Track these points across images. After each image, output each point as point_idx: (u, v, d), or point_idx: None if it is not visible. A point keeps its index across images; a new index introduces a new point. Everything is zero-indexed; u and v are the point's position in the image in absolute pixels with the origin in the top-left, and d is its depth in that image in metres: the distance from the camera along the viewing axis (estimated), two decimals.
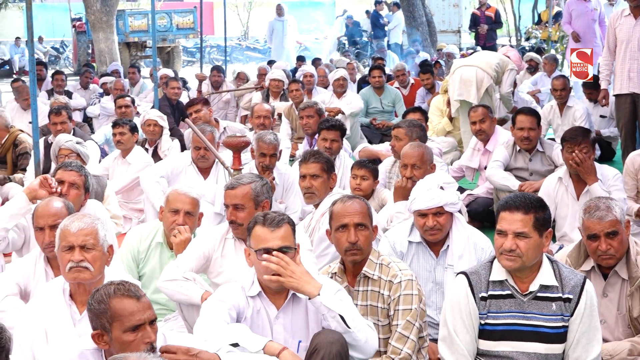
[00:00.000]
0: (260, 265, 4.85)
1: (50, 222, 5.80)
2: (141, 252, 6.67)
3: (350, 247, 5.35)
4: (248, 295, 4.95)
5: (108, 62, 23.61)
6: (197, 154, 9.02)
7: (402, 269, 5.39)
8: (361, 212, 5.40)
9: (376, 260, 5.44)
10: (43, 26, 41.94)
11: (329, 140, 9.07)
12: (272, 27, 29.15)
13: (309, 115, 10.88)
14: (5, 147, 10.95)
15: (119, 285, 4.21)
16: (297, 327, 4.96)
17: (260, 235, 4.90)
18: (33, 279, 5.80)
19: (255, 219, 4.98)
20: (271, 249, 4.83)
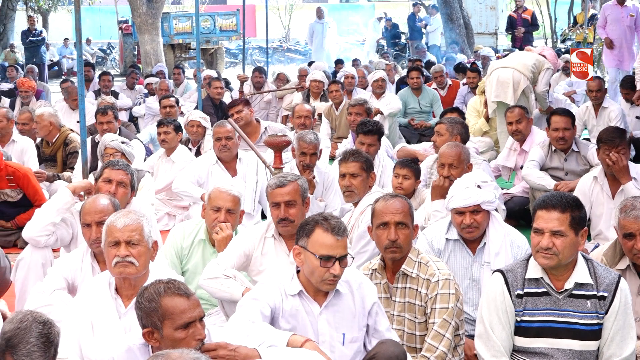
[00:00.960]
0: (317, 270, 4.79)
1: (97, 218, 5.83)
2: (184, 249, 6.69)
3: (390, 245, 5.34)
4: (288, 293, 4.91)
5: (153, 63, 23.74)
6: (219, 145, 9.01)
7: (440, 268, 5.37)
8: (402, 211, 5.39)
9: (415, 258, 5.42)
10: (91, 28, 42.28)
11: (366, 144, 9.01)
12: (313, 29, 29.21)
13: (358, 113, 10.90)
14: (56, 146, 11.04)
15: (168, 284, 4.22)
16: (340, 321, 4.93)
17: (325, 241, 4.80)
18: (80, 274, 5.83)
19: (316, 221, 4.89)
20: (334, 256, 4.77)
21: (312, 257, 4.81)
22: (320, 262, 4.78)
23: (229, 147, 9.04)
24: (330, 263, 4.76)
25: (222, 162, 9.10)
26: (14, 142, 10.90)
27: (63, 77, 26.94)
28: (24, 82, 15.54)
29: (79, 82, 8.97)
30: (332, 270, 4.75)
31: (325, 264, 4.77)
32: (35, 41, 27.47)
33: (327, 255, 4.77)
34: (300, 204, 6.02)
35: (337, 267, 4.76)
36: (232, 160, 9.14)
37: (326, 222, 4.86)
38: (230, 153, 9.07)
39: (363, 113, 10.89)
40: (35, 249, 6.66)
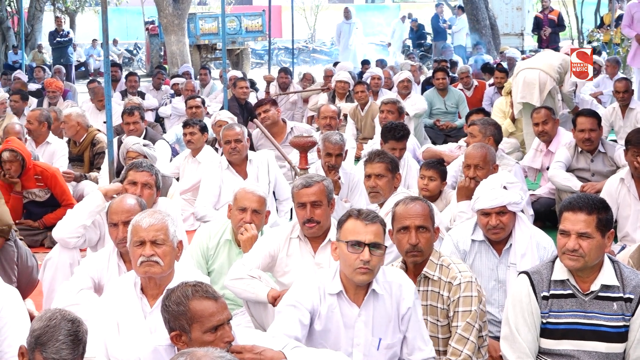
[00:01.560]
0: (348, 258, 4.77)
1: (124, 218, 5.84)
2: (210, 249, 6.69)
3: (411, 249, 5.31)
4: (328, 292, 4.87)
5: (179, 63, 23.81)
6: (228, 148, 8.95)
7: (461, 270, 5.34)
8: (423, 215, 5.36)
9: (437, 261, 5.40)
10: (117, 29, 42.49)
11: (398, 149, 8.94)
12: (340, 30, 29.27)
13: (390, 111, 10.90)
14: (84, 146, 11.09)
15: (196, 287, 4.21)
16: (378, 324, 4.89)
17: (353, 228, 4.79)
18: (106, 273, 5.85)
19: (349, 213, 4.89)
20: (362, 242, 4.73)
21: (343, 246, 4.79)
22: (348, 248, 4.75)
23: (238, 150, 8.94)
24: (360, 249, 4.72)
25: (233, 165, 9.04)
26: (48, 144, 10.99)
27: (90, 78, 27.06)
28: (52, 82, 15.63)
29: (105, 83, 9.02)
30: (361, 256, 4.70)
31: (354, 250, 4.73)
32: (62, 42, 27.62)
33: (355, 240, 4.74)
34: (325, 204, 6.01)
35: (366, 253, 4.70)
36: (242, 163, 9.04)
37: (358, 211, 4.86)
38: (240, 156, 8.98)
39: (395, 112, 10.92)
40: (63, 249, 6.69)
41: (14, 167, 8.95)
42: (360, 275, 4.75)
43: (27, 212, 9.33)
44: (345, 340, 4.86)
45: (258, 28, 29.85)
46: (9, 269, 6.96)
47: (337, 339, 4.88)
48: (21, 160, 8.97)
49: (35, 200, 9.23)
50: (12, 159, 8.93)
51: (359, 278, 4.76)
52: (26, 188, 9.14)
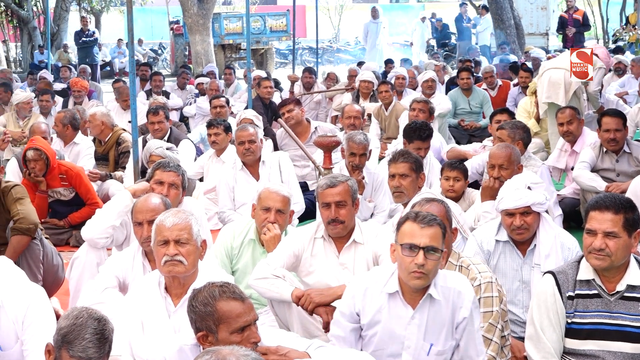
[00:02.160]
0: (403, 261, 4.72)
1: (149, 217, 5.84)
2: (234, 248, 6.69)
3: None
4: (386, 291, 4.86)
5: (204, 63, 23.87)
6: (242, 149, 8.94)
7: (481, 271, 5.32)
8: (439, 216, 5.33)
9: (456, 262, 5.38)
10: (142, 29, 42.64)
11: (423, 149, 8.94)
12: (367, 29, 29.29)
13: (421, 110, 10.91)
14: (109, 145, 11.13)
15: (223, 287, 4.21)
16: (431, 329, 4.84)
17: (409, 230, 4.74)
18: (131, 272, 5.86)
19: (407, 215, 4.85)
20: (417, 246, 4.68)
21: (399, 249, 4.76)
22: (403, 251, 4.71)
23: (252, 151, 8.93)
24: (414, 252, 4.67)
25: (247, 166, 9.04)
26: (75, 144, 11.05)
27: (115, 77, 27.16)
28: (77, 81, 15.69)
29: (130, 82, 9.04)
30: (415, 260, 4.66)
31: (409, 253, 4.68)
32: (88, 42, 27.75)
33: (409, 243, 4.69)
34: (350, 204, 5.99)
35: (421, 257, 4.64)
36: (256, 164, 9.05)
37: (415, 214, 4.81)
38: (253, 156, 8.97)
39: (426, 111, 10.95)
40: (91, 248, 6.70)
41: (38, 166, 8.99)
42: (415, 280, 4.70)
43: (52, 211, 9.38)
44: (394, 341, 4.84)
45: (282, 28, 29.87)
46: (35, 268, 7.00)
47: (385, 338, 4.87)
48: (45, 159, 9.00)
49: (60, 199, 9.27)
50: (36, 158, 8.97)
51: (414, 282, 4.72)
52: (51, 187, 9.18)
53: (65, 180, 9.17)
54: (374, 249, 5.93)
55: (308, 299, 5.51)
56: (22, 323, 4.96)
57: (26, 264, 6.93)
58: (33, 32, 33.93)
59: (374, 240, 5.95)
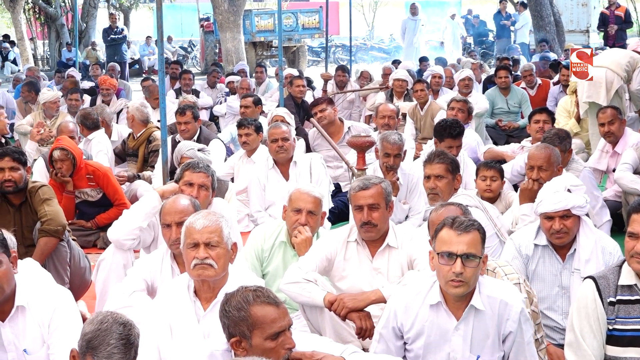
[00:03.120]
0: (441, 270, 4.72)
1: (177, 219, 5.86)
2: (265, 251, 6.70)
3: None
4: (428, 303, 4.85)
5: (234, 61, 23.93)
6: (275, 147, 8.97)
7: (508, 273, 5.30)
8: None
9: None
10: (172, 26, 42.78)
11: (455, 147, 8.95)
12: (405, 26, 29.26)
13: (460, 109, 10.90)
14: (139, 141, 11.21)
15: (257, 292, 4.21)
16: (476, 340, 4.82)
17: (445, 238, 4.73)
18: (160, 275, 5.87)
19: (443, 222, 4.82)
20: (455, 253, 4.66)
21: (436, 257, 4.75)
22: (440, 259, 4.70)
23: (285, 149, 8.97)
24: (452, 260, 4.66)
25: (278, 165, 9.07)
26: (88, 141, 11.08)
27: (144, 76, 27.28)
28: (105, 80, 15.76)
29: (160, 81, 9.05)
30: (453, 268, 4.64)
31: (446, 262, 4.67)
32: (116, 39, 27.92)
33: (447, 251, 4.68)
34: (383, 207, 5.98)
35: (458, 265, 4.63)
36: (287, 163, 9.10)
37: (452, 220, 4.79)
38: (286, 154, 9.02)
39: (465, 111, 10.95)
40: (117, 250, 6.71)
41: (65, 165, 9.03)
42: (454, 289, 4.69)
43: (79, 212, 9.42)
44: (439, 353, 4.83)
45: (315, 25, 29.89)
46: (62, 270, 7.04)
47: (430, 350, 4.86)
48: (72, 159, 9.03)
49: (87, 200, 9.31)
50: (63, 158, 9.01)
51: (453, 291, 4.71)
52: (78, 188, 9.21)
53: (93, 180, 9.21)
54: (408, 253, 5.92)
55: (341, 304, 5.51)
56: (48, 327, 4.99)
57: (53, 266, 6.97)
58: (61, 30, 34.23)
59: (409, 244, 5.94)
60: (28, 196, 7.36)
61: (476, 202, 6.85)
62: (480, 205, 6.86)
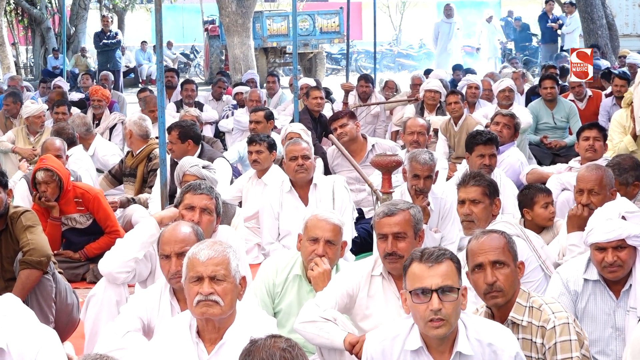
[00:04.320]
0: (416, 310, 4.76)
1: (177, 249, 5.87)
2: (277, 286, 6.69)
3: (489, 289, 5.30)
4: (407, 349, 4.87)
5: (243, 70, 23.99)
6: (294, 165, 8.97)
7: (555, 311, 5.29)
8: (498, 248, 5.35)
9: (525, 303, 5.36)
10: (172, 30, 43.01)
11: (487, 155, 8.99)
12: (438, 30, 29.22)
13: (506, 125, 10.87)
14: (139, 159, 11.23)
15: (285, 352, 4.17)
16: None
17: (417, 273, 4.80)
18: (157, 313, 5.88)
19: (411, 256, 4.90)
20: (429, 288, 4.72)
21: (409, 297, 4.81)
22: (413, 299, 4.76)
23: (306, 168, 8.98)
24: (427, 297, 4.72)
25: (296, 187, 9.08)
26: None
27: (140, 86, 27.36)
28: (97, 90, 15.63)
29: (158, 92, 9.05)
30: (430, 306, 4.70)
31: (421, 300, 4.74)
32: (109, 44, 28.02)
33: (420, 287, 4.75)
34: (411, 236, 5.99)
35: (435, 301, 4.69)
36: (306, 186, 9.11)
37: (421, 253, 4.86)
38: (307, 175, 9.02)
39: (512, 127, 10.92)
40: (109, 284, 6.72)
41: (50, 188, 9.02)
42: (434, 330, 4.74)
43: (66, 241, 9.44)
44: None
45: (334, 28, 30.00)
46: (46, 307, 7.04)
47: None
48: (58, 180, 9.02)
49: (75, 227, 9.31)
50: (47, 180, 8.99)
51: (434, 333, 4.76)
52: (65, 213, 9.21)
53: (82, 204, 9.20)
54: None
55: (364, 347, 5.51)
56: None
57: (36, 302, 6.98)
58: (47, 34, 34.38)
59: None
60: (9, 223, 7.37)
61: (518, 231, 6.85)
62: (522, 234, 6.85)
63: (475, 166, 9.10)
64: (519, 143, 12.82)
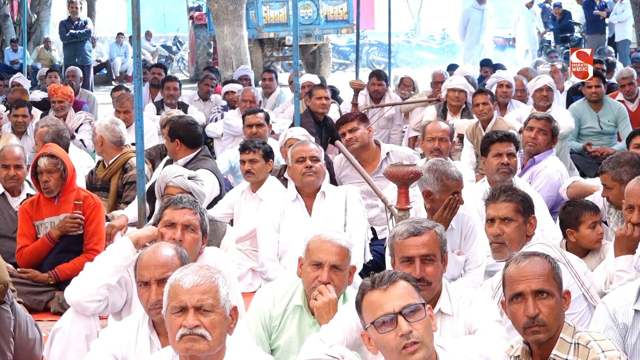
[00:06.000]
0: (386, 344, 4.86)
1: (158, 275, 5.91)
2: (274, 319, 6.71)
3: (530, 323, 5.31)
4: None
5: (235, 65, 23.99)
6: (302, 168, 8.99)
7: (605, 349, 5.29)
8: (542, 275, 5.36)
9: (570, 339, 5.37)
10: (152, 18, 43.08)
11: (505, 154, 9.04)
12: (468, 17, 29.11)
13: (542, 130, 10.84)
14: (112, 170, 11.26)
15: None
16: None
17: (374, 301, 4.91)
18: (134, 350, 5.91)
19: (362, 288, 5.03)
20: (391, 312, 4.82)
21: (374, 333, 4.91)
22: (378, 331, 4.86)
23: (315, 171, 9.01)
24: (392, 323, 4.81)
25: (303, 196, 9.12)
26: None
27: (115, 84, 27.41)
28: (57, 89, 15.55)
29: (135, 90, 9.10)
30: (398, 331, 4.78)
31: (386, 328, 4.83)
32: (77, 35, 28.11)
33: (381, 315, 4.84)
34: (439, 259, 6.05)
35: (403, 324, 4.78)
36: (313, 194, 9.16)
37: (371, 281, 4.99)
38: (316, 179, 9.04)
39: (548, 132, 10.85)
40: (77, 316, 6.76)
41: (53, 178, 9.19)
42: (412, 356, 4.82)
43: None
44: None
45: (342, 16, 30.07)
46: (3, 343, 7.04)
47: None
48: (62, 171, 9.20)
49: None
50: (51, 168, 9.17)
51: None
52: (55, 213, 9.28)
53: (80, 208, 9.21)
54: (467, 322, 5.95)
55: None
56: None
57: None
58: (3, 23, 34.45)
59: (467, 310, 5.96)
60: None
61: (557, 254, 6.86)
62: (563, 259, 6.86)
63: (492, 169, 9.16)
64: (559, 151, 12.84)
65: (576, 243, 8.19)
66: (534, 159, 10.62)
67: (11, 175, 9.95)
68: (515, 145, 9.34)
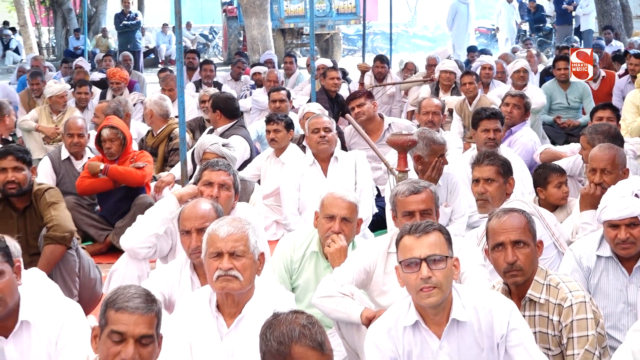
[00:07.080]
0: (408, 281, 4.81)
1: (198, 225, 5.90)
2: (295, 262, 6.72)
3: (509, 268, 5.30)
4: (405, 325, 4.91)
5: (261, 50, 23.96)
6: (316, 138, 9.06)
7: (572, 290, 5.28)
8: (519, 228, 5.35)
9: (543, 281, 5.36)
10: (191, 11, 42.95)
11: (492, 130, 9.03)
12: (455, 10, 28.91)
13: (516, 105, 10.84)
14: (159, 138, 11.33)
15: (304, 328, 4.13)
16: (466, 356, 4.88)
17: (407, 245, 4.85)
18: (178, 288, 5.91)
19: (401, 231, 4.94)
20: (417, 258, 4.77)
21: (400, 269, 4.87)
22: (404, 270, 4.82)
23: (327, 140, 9.06)
24: (416, 267, 4.77)
25: (319, 160, 9.16)
26: None
27: (160, 66, 27.34)
28: (115, 72, 15.72)
29: (178, 72, 9.12)
30: (419, 274, 4.74)
31: (411, 269, 4.79)
32: (129, 25, 28.03)
33: (409, 258, 4.80)
34: (434, 213, 6.06)
35: (424, 269, 4.73)
36: (327, 159, 9.20)
37: (410, 226, 4.92)
38: (329, 147, 9.11)
39: (522, 107, 10.86)
40: (131, 260, 6.77)
41: (114, 145, 9.38)
42: (427, 298, 4.77)
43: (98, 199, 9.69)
44: None
45: (351, 10, 29.92)
46: (70, 282, 7.08)
47: None
48: (122, 139, 9.38)
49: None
50: (112, 137, 9.35)
51: (426, 302, 4.78)
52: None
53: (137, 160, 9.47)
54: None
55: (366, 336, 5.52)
56: (55, 344, 5.03)
57: (60, 277, 7.02)
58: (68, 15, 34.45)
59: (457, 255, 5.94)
60: (33, 199, 7.41)
61: (532, 209, 6.84)
62: (536, 213, 6.85)
63: (480, 141, 9.16)
64: (533, 123, 12.79)
65: (545, 200, 8.19)
66: (511, 130, 10.61)
67: (75, 142, 10.18)
68: (501, 121, 9.33)
